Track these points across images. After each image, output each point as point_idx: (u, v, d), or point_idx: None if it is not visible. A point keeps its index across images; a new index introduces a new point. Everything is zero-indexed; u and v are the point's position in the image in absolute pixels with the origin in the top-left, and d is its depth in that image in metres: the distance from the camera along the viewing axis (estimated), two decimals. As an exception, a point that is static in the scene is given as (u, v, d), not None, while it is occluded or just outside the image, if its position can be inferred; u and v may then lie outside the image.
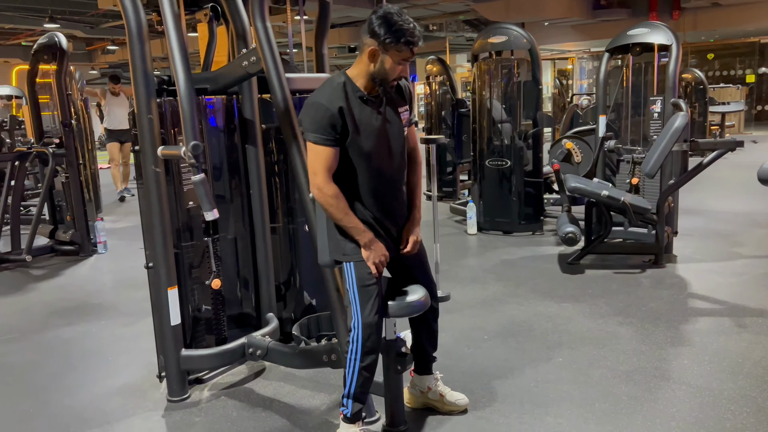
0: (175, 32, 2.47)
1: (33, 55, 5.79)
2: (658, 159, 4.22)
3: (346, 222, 2.23)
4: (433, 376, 2.66)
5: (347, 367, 2.30)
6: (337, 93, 2.20)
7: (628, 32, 5.04)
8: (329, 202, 2.21)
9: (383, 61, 2.16)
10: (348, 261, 2.29)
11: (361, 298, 2.26)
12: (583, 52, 20.85)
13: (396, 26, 2.10)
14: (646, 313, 3.69)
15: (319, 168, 2.19)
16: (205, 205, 2.10)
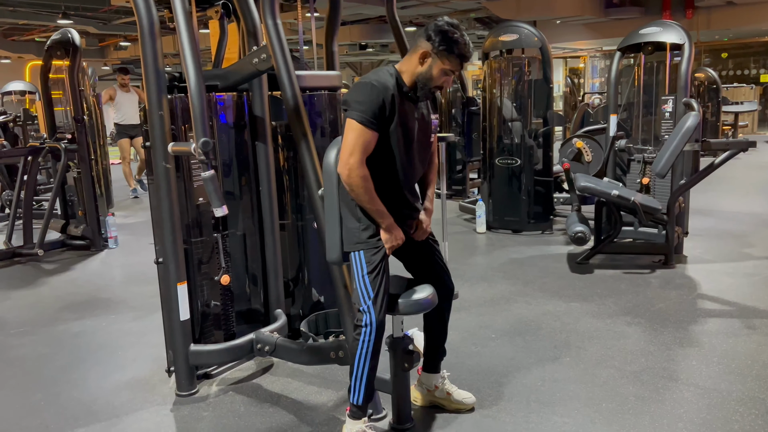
0: (186, 29, 2.49)
1: (46, 51, 5.84)
2: (669, 159, 4.20)
3: (372, 205, 2.23)
4: (440, 375, 2.66)
5: (356, 361, 2.30)
6: (391, 81, 2.24)
7: (641, 31, 5.01)
8: (359, 183, 2.19)
9: (432, 66, 2.23)
10: (358, 250, 2.29)
11: (373, 289, 2.25)
12: (595, 51, 20.72)
13: (453, 37, 2.18)
14: (655, 314, 3.67)
15: (357, 148, 2.18)
16: (215, 201, 2.11)
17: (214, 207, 2.13)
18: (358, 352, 2.28)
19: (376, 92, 2.18)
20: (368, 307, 2.25)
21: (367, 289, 2.26)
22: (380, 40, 18.64)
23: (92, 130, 6.36)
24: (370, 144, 2.20)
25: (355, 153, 2.18)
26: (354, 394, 2.34)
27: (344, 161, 2.20)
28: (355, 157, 2.18)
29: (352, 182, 2.20)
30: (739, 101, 13.37)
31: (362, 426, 2.35)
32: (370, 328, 2.24)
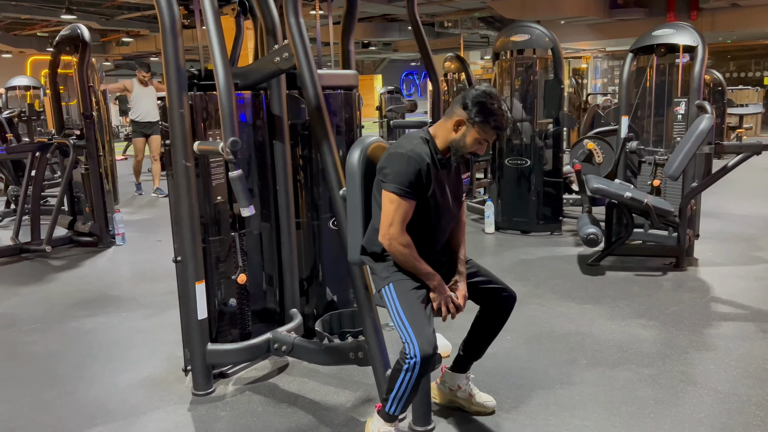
0: (215, 26, 2.48)
1: (55, 46, 5.82)
2: (683, 161, 4.19)
3: (418, 269, 2.26)
4: (465, 375, 2.66)
5: (398, 384, 2.20)
6: (425, 150, 2.27)
7: (654, 33, 5.00)
8: (403, 251, 2.23)
9: (466, 134, 2.25)
10: (387, 284, 2.29)
11: (411, 323, 2.18)
12: (599, 51, 20.73)
13: (489, 108, 2.20)
14: (669, 317, 3.67)
15: (397, 219, 2.21)
16: (242, 201, 2.10)
17: (241, 207, 2.11)
18: (401, 378, 2.18)
19: (414, 164, 2.21)
20: (411, 341, 2.15)
21: (404, 323, 2.19)
22: (383, 39, 18.63)
23: (100, 125, 6.33)
24: (408, 213, 2.23)
25: (395, 223, 2.20)
26: (391, 407, 2.27)
27: (384, 232, 2.23)
28: (395, 227, 2.21)
29: (394, 251, 2.23)
30: (743, 104, 13.36)
31: (392, 429, 2.31)
32: (415, 361, 2.13)
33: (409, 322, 2.18)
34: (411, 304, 2.23)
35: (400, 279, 2.28)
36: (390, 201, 2.22)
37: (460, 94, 2.31)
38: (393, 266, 2.31)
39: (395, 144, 2.32)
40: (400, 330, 2.19)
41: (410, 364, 2.14)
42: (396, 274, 2.30)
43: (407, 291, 2.26)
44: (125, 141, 14.90)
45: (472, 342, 2.64)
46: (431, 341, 2.16)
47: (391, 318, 2.24)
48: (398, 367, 2.19)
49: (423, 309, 2.24)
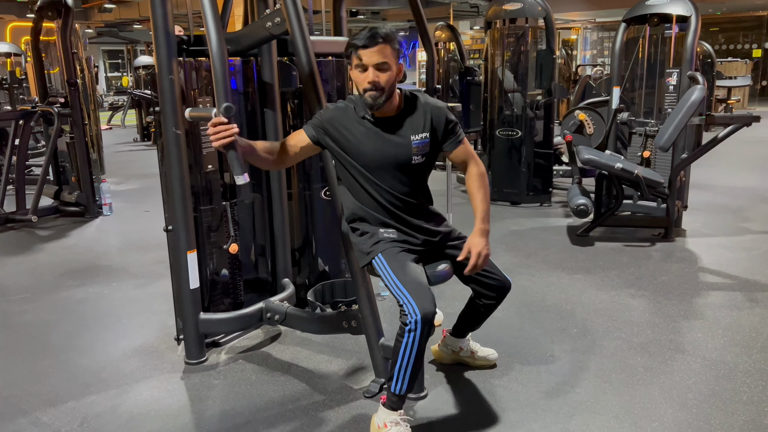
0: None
1: (36, 11, 5.67)
2: (674, 132, 4.19)
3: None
4: (466, 339, 2.74)
5: (401, 354, 2.14)
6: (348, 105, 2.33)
7: (647, 2, 4.95)
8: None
9: (352, 76, 2.24)
10: (374, 256, 2.28)
11: (406, 286, 2.15)
12: (588, 23, 20.58)
13: (349, 44, 2.20)
14: (658, 286, 3.71)
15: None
16: (236, 169, 2.06)
17: (235, 175, 2.08)
18: (404, 343, 2.13)
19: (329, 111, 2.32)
20: (409, 301, 2.12)
21: (399, 286, 2.17)
22: (372, 7, 18.33)
23: (84, 93, 6.21)
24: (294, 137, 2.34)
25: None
26: (396, 384, 2.20)
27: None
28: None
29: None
30: (732, 76, 13.38)
31: (397, 418, 2.23)
32: (416, 319, 2.08)
33: (403, 284, 2.17)
34: (402, 266, 2.22)
35: (385, 248, 2.28)
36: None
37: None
38: (370, 239, 2.31)
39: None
40: (397, 294, 2.17)
41: (412, 325, 2.09)
42: (378, 245, 2.29)
43: (396, 254, 2.26)
44: (110, 111, 14.65)
45: (466, 318, 2.67)
46: (429, 298, 2.13)
47: (386, 286, 2.24)
48: (400, 333, 2.15)
49: (416, 270, 2.24)
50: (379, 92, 2.18)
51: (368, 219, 2.36)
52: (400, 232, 2.35)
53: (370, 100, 2.20)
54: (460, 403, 2.50)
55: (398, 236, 2.34)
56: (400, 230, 2.35)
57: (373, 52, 2.14)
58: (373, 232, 2.34)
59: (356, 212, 2.38)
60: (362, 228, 2.38)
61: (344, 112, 2.30)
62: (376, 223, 2.35)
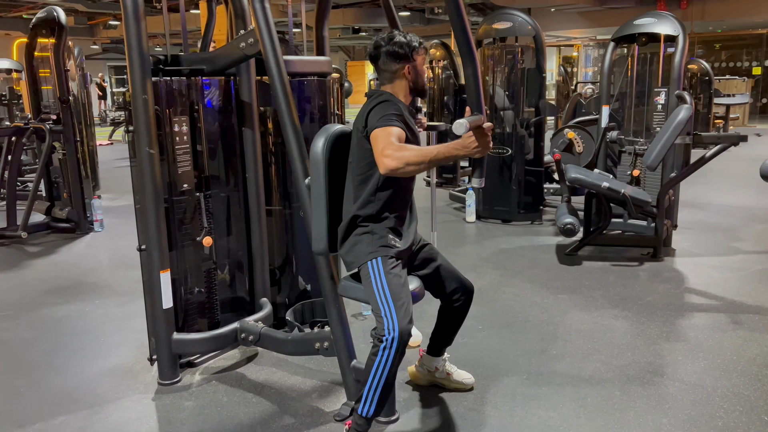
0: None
1: (31, 29, 5.73)
2: (660, 151, 4.18)
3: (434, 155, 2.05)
4: (442, 358, 2.70)
5: (373, 372, 2.14)
6: (399, 102, 2.30)
7: (635, 21, 4.97)
8: (409, 156, 2.04)
9: (415, 68, 2.32)
10: (375, 257, 2.24)
11: (394, 298, 2.15)
12: (589, 40, 20.66)
13: (407, 40, 2.30)
14: (642, 307, 3.67)
15: (388, 140, 2.07)
16: (483, 172, 2.36)
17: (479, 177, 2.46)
18: (376, 364, 2.11)
19: (393, 105, 2.24)
20: (391, 315, 2.11)
21: (387, 297, 2.15)
22: (374, 24, 18.47)
23: (77, 110, 6.25)
24: (401, 134, 2.14)
25: (389, 144, 2.07)
26: (364, 406, 2.18)
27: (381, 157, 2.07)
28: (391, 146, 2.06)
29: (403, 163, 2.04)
30: (730, 93, 13.37)
31: None
32: (392, 336, 2.08)
33: (392, 296, 2.16)
34: (398, 279, 2.21)
35: (386, 255, 2.25)
36: (381, 134, 2.11)
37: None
38: (378, 240, 2.27)
39: (365, 104, 2.29)
40: (381, 304, 2.15)
41: (387, 342, 2.09)
42: (382, 249, 2.26)
43: (393, 267, 2.24)
44: (111, 126, 14.74)
45: (439, 332, 2.67)
46: (409, 317, 2.15)
47: (373, 291, 2.20)
48: (374, 352, 2.14)
49: (405, 285, 2.24)
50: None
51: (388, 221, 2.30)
52: (408, 242, 2.37)
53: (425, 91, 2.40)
54: (432, 428, 2.46)
55: (403, 245, 2.33)
56: (409, 240, 2.37)
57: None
58: (382, 235, 2.28)
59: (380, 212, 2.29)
60: (371, 227, 2.29)
61: (398, 102, 2.28)
62: (392, 228, 2.31)
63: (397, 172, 2.06)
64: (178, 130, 2.82)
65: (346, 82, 10.31)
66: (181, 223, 2.90)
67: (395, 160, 2.03)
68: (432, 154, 2.04)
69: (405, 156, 2.03)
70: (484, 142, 2.05)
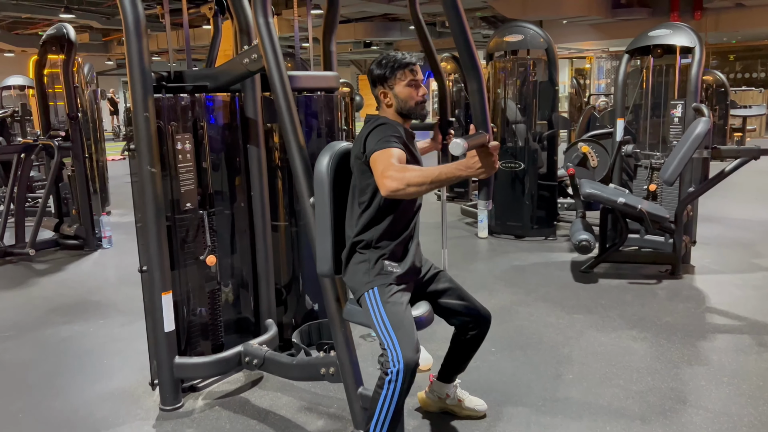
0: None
1: (41, 45, 5.72)
2: (678, 166, 4.05)
3: (435, 176, 1.91)
4: (453, 384, 2.59)
5: (380, 406, 2.06)
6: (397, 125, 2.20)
7: (650, 33, 4.86)
8: (410, 177, 1.91)
9: (396, 94, 2.21)
10: (371, 287, 2.16)
11: (395, 328, 2.05)
12: (602, 52, 20.55)
13: (384, 64, 2.21)
14: (662, 328, 3.53)
15: (389, 161, 1.98)
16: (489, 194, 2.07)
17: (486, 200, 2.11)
18: (383, 397, 2.03)
19: (391, 128, 2.14)
20: (394, 346, 2.02)
21: (388, 328, 2.06)
22: (385, 38, 18.50)
23: (86, 126, 6.24)
24: (401, 156, 2.04)
25: (389, 165, 1.98)
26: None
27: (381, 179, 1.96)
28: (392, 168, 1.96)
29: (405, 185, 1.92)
30: (747, 105, 13.18)
31: None
32: (398, 368, 1.99)
33: (393, 326, 2.07)
34: (396, 307, 2.11)
35: (383, 283, 2.16)
36: (379, 155, 2.01)
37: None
38: (374, 269, 2.18)
39: (361, 130, 2.21)
40: (383, 336, 2.07)
41: (392, 375, 2.01)
42: (378, 277, 2.17)
43: (393, 293, 2.14)
44: (124, 141, 14.82)
45: (452, 358, 2.56)
46: (416, 347, 2.04)
47: (373, 323, 2.11)
48: (380, 384, 2.07)
49: (408, 313, 2.13)
50: (425, 104, 2.25)
51: (386, 248, 2.21)
52: (408, 265, 2.25)
53: (423, 111, 2.24)
54: (442, 458, 2.35)
55: (401, 269, 2.22)
56: (409, 263, 2.26)
57: (419, 69, 2.23)
58: (379, 263, 2.19)
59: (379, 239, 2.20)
60: (368, 255, 2.21)
61: (396, 125, 2.18)
62: (391, 253, 2.21)
63: (398, 194, 1.95)
64: (181, 147, 2.75)
65: (357, 96, 10.30)
66: (183, 242, 2.83)
67: (396, 180, 1.93)
68: (434, 175, 1.91)
69: (406, 177, 1.93)
70: (489, 162, 1.88)
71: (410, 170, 1.95)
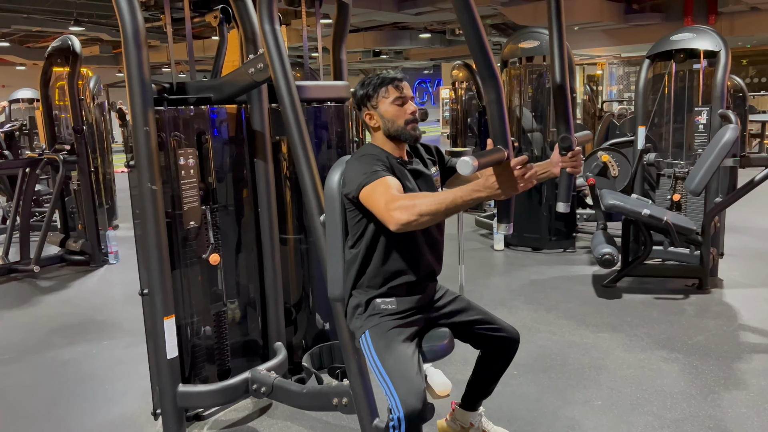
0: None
1: (46, 58, 5.63)
2: (705, 176, 3.87)
3: (450, 201, 1.69)
4: (477, 413, 2.40)
5: None
6: (379, 151, 2.02)
7: (672, 37, 4.69)
8: (424, 209, 1.70)
9: (382, 113, 2.03)
10: (362, 332, 2.00)
11: (391, 375, 1.87)
12: (614, 57, 20.34)
13: (367, 83, 2.06)
14: (693, 347, 3.34)
15: (385, 193, 1.80)
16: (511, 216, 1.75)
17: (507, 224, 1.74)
18: None
19: (370, 158, 1.96)
20: (392, 394, 1.84)
21: (383, 375, 1.88)
22: (394, 47, 18.40)
23: (92, 139, 6.13)
24: (393, 183, 1.86)
25: (387, 197, 1.79)
26: None
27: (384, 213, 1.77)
28: (390, 200, 1.77)
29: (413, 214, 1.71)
30: (765, 110, 12.91)
31: None
32: (398, 416, 1.81)
33: (388, 372, 1.88)
34: (390, 348, 1.92)
35: (375, 325, 1.99)
36: (374, 188, 1.84)
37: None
38: (366, 311, 2.02)
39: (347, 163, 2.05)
40: (381, 383, 1.90)
41: (395, 422, 1.83)
42: (370, 319, 2.00)
43: (385, 333, 1.96)
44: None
45: (476, 382, 2.37)
46: (416, 392, 1.82)
47: (371, 370, 1.95)
48: (384, 428, 1.94)
49: (406, 354, 1.92)
50: (417, 124, 2.06)
51: (381, 287, 2.02)
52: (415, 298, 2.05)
53: (416, 132, 2.04)
54: (465, 497, 2.17)
55: (399, 306, 2.03)
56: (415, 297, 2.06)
57: (407, 85, 2.06)
58: (370, 304, 2.03)
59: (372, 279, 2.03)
60: (359, 297, 2.05)
61: (378, 155, 1.99)
62: (385, 292, 2.02)
63: (411, 226, 1.73)
64: (183, 162, 2.60)
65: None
66: (187, 263, 2.67)
67: (406, 212, 1.71)
68: (448, 200, 1.68)
69: (417, 206, 1.70)
70: (509, 181, 1.62)
71: (420, 197, 1.76)
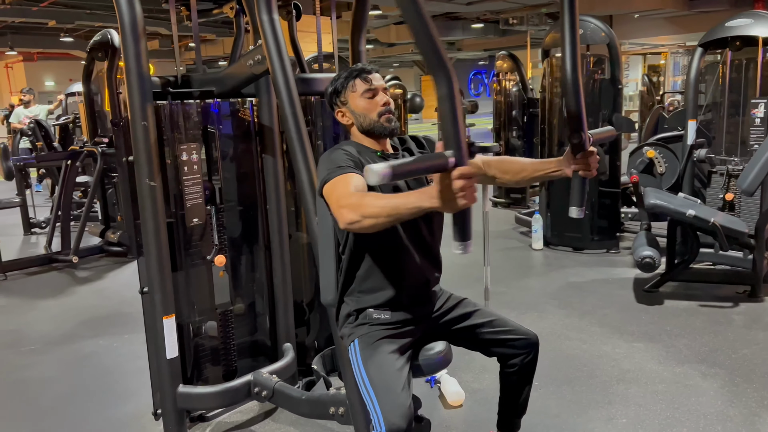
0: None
1: (88, 52, 5.73)
2: (759, 174, 3.55)
3: (394, 206, 1.51)
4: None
5: None
6: (349, 147, 1.87)
7: (727, 24, 4.33)
8: (367, 210, 1.54)
9: (353, 108, 1.91)
10: (351, 341, 1.87)
11: (375, 389, 1.73)
12: (678, 47, 19.39)
13: (335, 79, 1.95)
14: (737, 362, 3.06)
15: (348, 189, 1.64)
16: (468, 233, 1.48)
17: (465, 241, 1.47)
18: None
19: (336, 152, 1.82)
20: (375, 410, 1.71)
21: (368, 388, 1.75)
22: (446, 38, 18.12)
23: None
24: (354, 179, 1.69)
25: (344, 194, 1.64)
26: None
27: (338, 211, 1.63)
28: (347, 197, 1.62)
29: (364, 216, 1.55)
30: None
31: None
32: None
33: (374, 386, 1.73)
34: (377, 360, 1.78)
35: (365, 333, 1.85)
36: (332, 187, 1.69)
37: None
38: (357, 318, 1.89)
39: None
40: (364, 397, 1.77)
41: None
42: (360, 328, 1.87)
43: (372, 343, 1.82)
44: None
45: (506, 401, 2.15)
46: (400, 410, 1.67)
47: (356, 380, 1.82)
48: None
49: (393, 366, 1.77)
50: (393, 115, 1.93)
51: (372, 293, 1.88)
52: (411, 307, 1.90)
53: (391, 123, 1.90)
54: None
55: (392, 317, 1.88)
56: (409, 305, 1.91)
57: (377, 76, 1.94)
58: (360, 312, 1.89)
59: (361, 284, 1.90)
60: (350, 303, 1.92)
61: (345, 149, 1.83)
62: (377, 299, 1.88)
63: (354, 227, 1.57)
64: (186, 158, 2.53)
65: (417, 97, 10.02)
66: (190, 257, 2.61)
67: (352, 210, 1.56)
68: (391, 205, 1.51)
69: (362, 206, 1.54)
70: (449, 193, 1.37)
71: (370, 197, 1.58)
